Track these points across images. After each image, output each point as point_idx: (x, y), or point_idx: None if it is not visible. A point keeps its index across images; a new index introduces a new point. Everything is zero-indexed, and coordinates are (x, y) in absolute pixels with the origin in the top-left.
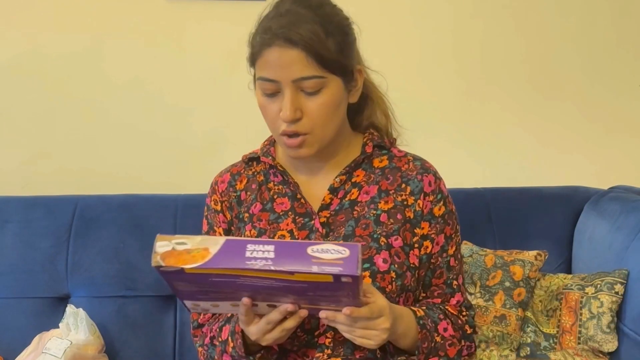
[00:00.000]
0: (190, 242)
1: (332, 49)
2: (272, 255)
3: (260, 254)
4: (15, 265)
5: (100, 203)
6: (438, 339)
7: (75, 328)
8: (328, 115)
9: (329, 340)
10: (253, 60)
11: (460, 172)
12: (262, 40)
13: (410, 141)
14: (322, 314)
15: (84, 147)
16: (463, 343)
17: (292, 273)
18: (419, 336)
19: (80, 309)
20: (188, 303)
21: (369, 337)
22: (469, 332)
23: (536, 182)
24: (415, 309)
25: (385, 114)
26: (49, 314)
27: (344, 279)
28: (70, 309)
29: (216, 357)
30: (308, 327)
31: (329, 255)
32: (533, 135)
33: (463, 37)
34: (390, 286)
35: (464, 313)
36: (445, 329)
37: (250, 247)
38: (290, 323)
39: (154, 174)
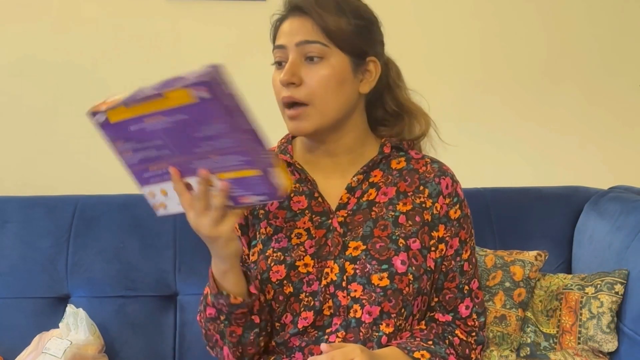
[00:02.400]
0: (117, 95)
1: (343, 25)
2: (157, 85)
3: (149, 87)
4: (15, 265)
5: (100, 203)
6: None
7: (75, 328)
8: (328, 88)
9: (339, 339)
10: (273, 40)
11: (461, 172)
12: (279, 16)
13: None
14: None
15: (84, 147)
16: None
17: (162, 94)
18: None
19: (80, 309)
20: (146, 192)
21: None
22: (472, 358)
23: (536, 182)
24: (418, 355)
25: (422, 134)
26: (49, 314)
27: (202, 93)
28: (70, 309)
29: (205, 321)
30: (320, 324)
31: (192, 75)
32: (533, 135)
33: (463, 38)
34: (407, 288)
35: (474, 328)
36: None
37: (149, 87)
38: (218, 200)
39: None
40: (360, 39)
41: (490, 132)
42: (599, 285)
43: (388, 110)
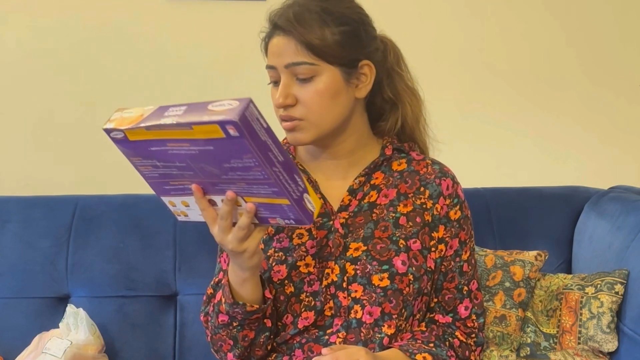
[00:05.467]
0: (135, 111)
1: (327, 38)
2: (181, 112)
3: (173, 113)
4: (15, 265)
5: (100, 203)
6: None
7: (75, 328)
8: (322, 103)
9: (340, 340)
10: (265, 53)
11: (460, 172)
12: (266, 32)
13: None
14: None
15: (84, 146)
16: None
17: (190, 126)
18: None
19: (80, 309)
20: (165, 200)
21: None
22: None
23: (536, 182)
24: (420, 357)
25: (415, 124)
26: (49, 314)
27: (230, 131)
28: (70, 309)
29: (216, 327)
30: (321, 324)
31: (221, 108)
32: (533, 135)
33: (463, 38)
34: (407, 288)
35: (474, 329)
36: None
37: (170, 109)
38: (244, 220)
39: None
40: (348, 47)
41: (491, 132)
42: (599, 285)
43: (385, 98)
